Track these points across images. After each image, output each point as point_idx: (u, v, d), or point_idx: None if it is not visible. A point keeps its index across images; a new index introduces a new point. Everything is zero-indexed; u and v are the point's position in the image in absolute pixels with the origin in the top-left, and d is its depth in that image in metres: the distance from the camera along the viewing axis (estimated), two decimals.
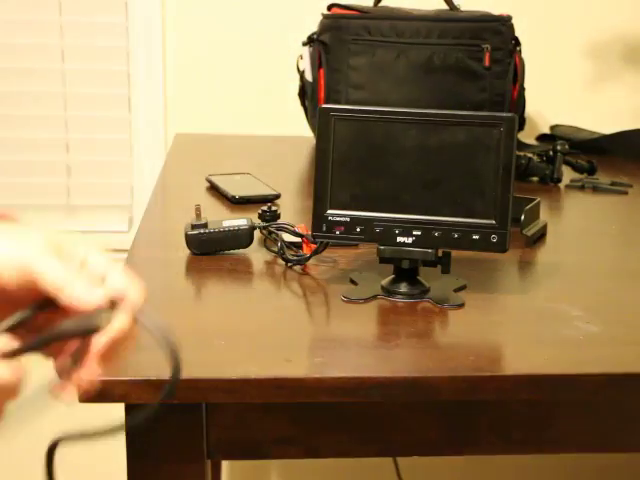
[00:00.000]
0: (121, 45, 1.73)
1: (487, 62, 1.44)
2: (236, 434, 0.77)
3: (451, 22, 1.46)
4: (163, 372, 0.71)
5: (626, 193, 1.38)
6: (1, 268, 0.54)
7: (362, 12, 1.48)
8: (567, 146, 1.44)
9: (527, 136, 1.68)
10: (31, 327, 0.56)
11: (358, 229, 0.88)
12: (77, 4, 1.70)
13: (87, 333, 0.53)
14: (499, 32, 1.46)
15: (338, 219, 0.88)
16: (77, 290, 0.54)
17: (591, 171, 1.46)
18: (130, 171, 1.77)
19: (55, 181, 1.76)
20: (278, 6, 1.73)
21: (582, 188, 1.39)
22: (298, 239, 0.99)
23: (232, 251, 1.01)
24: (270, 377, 0.72)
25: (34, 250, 0.54)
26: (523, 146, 1.61)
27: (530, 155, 1.42)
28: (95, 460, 1.88)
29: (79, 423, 0.57)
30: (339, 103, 1.45)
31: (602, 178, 1.43)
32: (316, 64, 1.49)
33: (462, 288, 0.92)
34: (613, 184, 1.40)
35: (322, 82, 1.48)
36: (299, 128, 1.65)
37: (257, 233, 1.03)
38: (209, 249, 1.00)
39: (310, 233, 0.91)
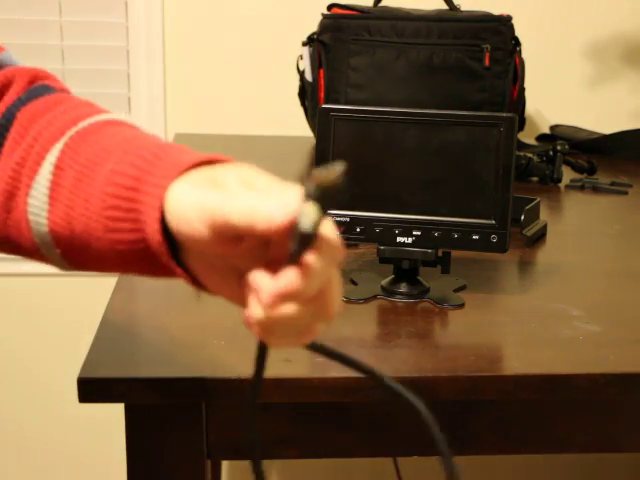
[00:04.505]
0: (121, 45, 1.73)
1: (487, 62, 1.44)
2: (236, 434, 0.77)
3: (451, 22, 1.46)
4: (163, 371, 0.71)
5: (626, 193, 1.38)
6: (184, 217, 0.52)
7: (362, 12, 1.48)
8: (567, 146, 1.44)
9: (527, 136, 1.68)
10: None
11: (358, 229, 0.88)
12: (77, 4, 1.70)
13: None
14: (499, 32, 1.46)
15: (338, 219, 0.89)
16: (268, 207, 0.49)
17: (591, 171, 1.46)
18: None
19: None
20: (278, 6, 1.73)
21: (582, 188, 1.39)
22: None
23: None
24: (270, 377, 0.72)
25: (222, 193, 0.51)
26: (523, 146, 1.61)
27: (530, 155, 1.43)
28: (95, 460, 1.88)
29: (78, 422, 0.57)
30: (339, 103, 1.45)
31: (602, 178, 1.43)
32: (316, 64, 1.49)
33: (462, 288, 0.92)
34: (613, 184, 1.41)
35: (322, 82, 1.48)
36: (299, 128, 1.65)
37: None
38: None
39: None
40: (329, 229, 0.49)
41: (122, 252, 0.58)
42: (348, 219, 0.88)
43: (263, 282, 0.50)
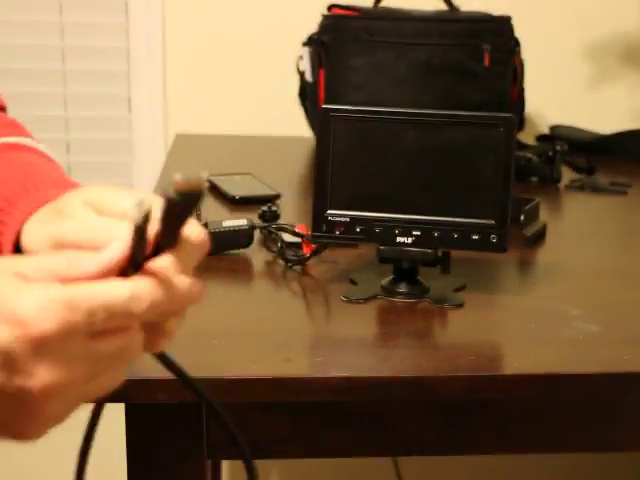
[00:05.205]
0: (121, 45, 1.73)
1: (486, 62, 1.44)
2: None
3: (451, 23, 1.46)
4: (163, 371, 0.71)
5: (625, 193, 1.38)
6: (41, 249, 0.54)
7: (362, 12, 1.48)
8: (566, 146, 1.44)
9: (527, 136, 1.68)
10: None
11: (358, 229, 0.88)
12: (78, 4, 1.70)
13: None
14: (499, 32, 1.46)
15: (338, 219, 0.89)
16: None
17: (590, 171, 1.47)
18: (130, 171, 1.77)
19: None
20: (278, 7, 1.74)
21: (581, 188, 1.39)
22: (298, 239, 1.00)
23: (232, 251, 1.01)
24: (270, 377, 0.72)
25: (65, 222, 0.53)
26: (522, 146, 1.61)
27: (530, 155, 1.43)
28: (95, 459, 1.88)
29: (77, 421, 0.57)
30: (339, 103, 1.44)
31: (601, 178, 1.43)
32: (316, 64, 1.49)
33: (462, 288, 0.92)
34: (612, 184, 1.41)
35: (322, 82, 1.48)
36: (299, 128, 1.66)
37: (257, 233, 1.03)
38: (209, 249, 1.00)
39: (310, 233, 0.91)
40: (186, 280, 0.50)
41: None
42: (348, 219, 0.88)
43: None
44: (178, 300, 0.50)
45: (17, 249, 0.59)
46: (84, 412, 0.53)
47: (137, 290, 0.47)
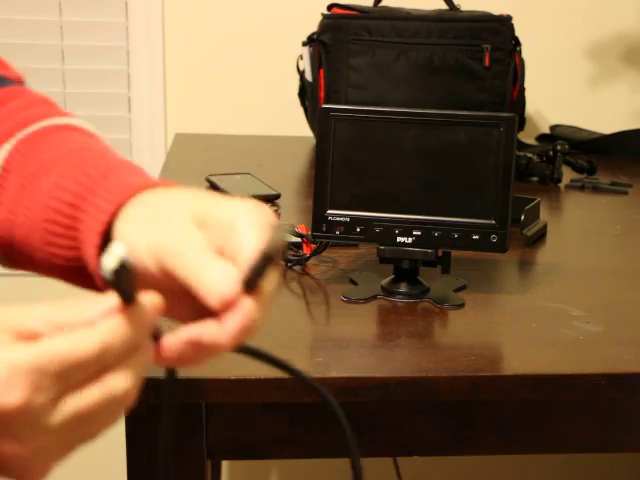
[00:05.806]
0: (121, 45, 1.73)
1: (487, 62, 1.44)
2: (236, 434, 0.77)
3: (451, 22, 1.46)
4: (163, 371, 0.71)
5: (626, 193, 1.38)
6: (138, 258, 0.51)
7: (362, 12, 1.48)
8: (567, 146, 1.44)
9: (527, 136, 1.68)
10: None
11: (358, 229, 0.88)
12: (77, 4, 1.70)
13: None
14: (499, 32, 1.46)
15: (338, 219, 0.89)
16: (210, 279, 0.48)
17: (591, 171, 1.46)
18: None
19: None
20: (278, 6, 1.73)
21: (582, 188, 1.39)
22: (298, 239, 0.99)
23: None
24: (270, 377, 0.72)
25: (169, 237, 0.50)
26: (523, 146, 1.61)
27: (530, 155, 1.42)
28: (95, 460, 1.88)
29: None
30: (339, 103, 1.44)
31: (602, 178, 1.43)
32: (316, 64, 1.49)
33: (462, 288, 0.92)
34: (613, 184, 1.40)
35: (322, 82, 1.48)
36: (299, 128, 1.65)
37: None
38: None
39: (310, 233, 0.91)
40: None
41: (59, 266, 0.58)
42: (348, 219, 0.88)
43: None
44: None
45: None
46: None
47: (107, 339, 0.44)
